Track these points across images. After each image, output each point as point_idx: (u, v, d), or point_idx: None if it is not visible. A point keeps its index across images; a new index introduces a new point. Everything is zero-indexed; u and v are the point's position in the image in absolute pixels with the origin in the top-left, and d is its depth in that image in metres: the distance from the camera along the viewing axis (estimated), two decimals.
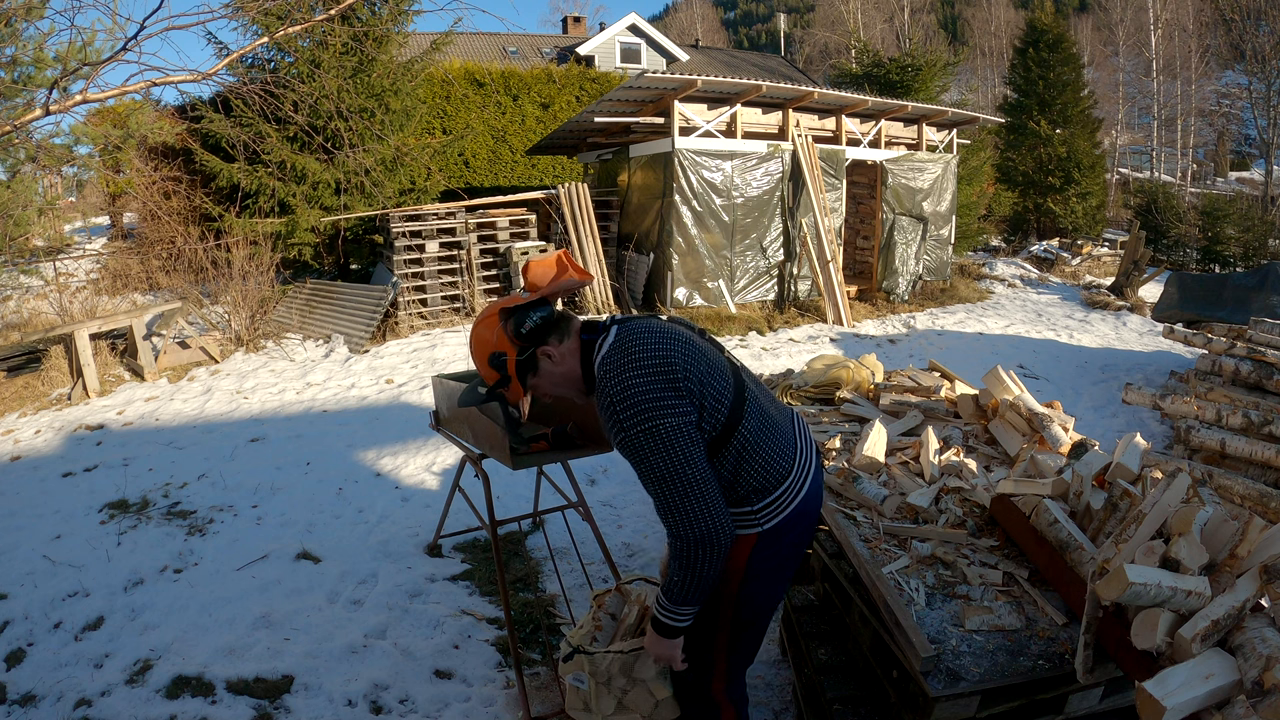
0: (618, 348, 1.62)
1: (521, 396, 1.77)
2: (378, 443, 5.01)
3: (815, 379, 3.66)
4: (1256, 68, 20.46)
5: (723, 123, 8.62)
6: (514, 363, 1.71)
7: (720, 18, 58.45)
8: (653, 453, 1.53)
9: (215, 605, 3.15)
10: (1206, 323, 6.98)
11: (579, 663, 1.92)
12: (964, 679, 1.72)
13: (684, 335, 1.69)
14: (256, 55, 8.86)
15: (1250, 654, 1.39)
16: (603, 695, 1.90)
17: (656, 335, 1.64)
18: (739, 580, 1.71)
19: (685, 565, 1.56)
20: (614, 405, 1.56)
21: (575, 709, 1.97)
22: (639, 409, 1.53)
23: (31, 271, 8.53)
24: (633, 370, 1.57)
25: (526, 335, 1.68)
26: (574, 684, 1.94)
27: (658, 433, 1.53)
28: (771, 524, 1.68)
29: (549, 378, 1.73)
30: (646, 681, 1.86)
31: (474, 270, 8.37)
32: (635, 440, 1.54)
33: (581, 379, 1.73)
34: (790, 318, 8.68)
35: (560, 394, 1.77)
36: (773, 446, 1.70)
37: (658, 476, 1.54)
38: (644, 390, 1.55)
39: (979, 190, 13.45)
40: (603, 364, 1.63)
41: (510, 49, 23.20)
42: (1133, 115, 29.01)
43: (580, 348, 1.71)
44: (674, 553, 1.58)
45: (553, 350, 1.70)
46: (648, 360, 1.58)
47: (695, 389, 1.59)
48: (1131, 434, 2.32)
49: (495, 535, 2.72)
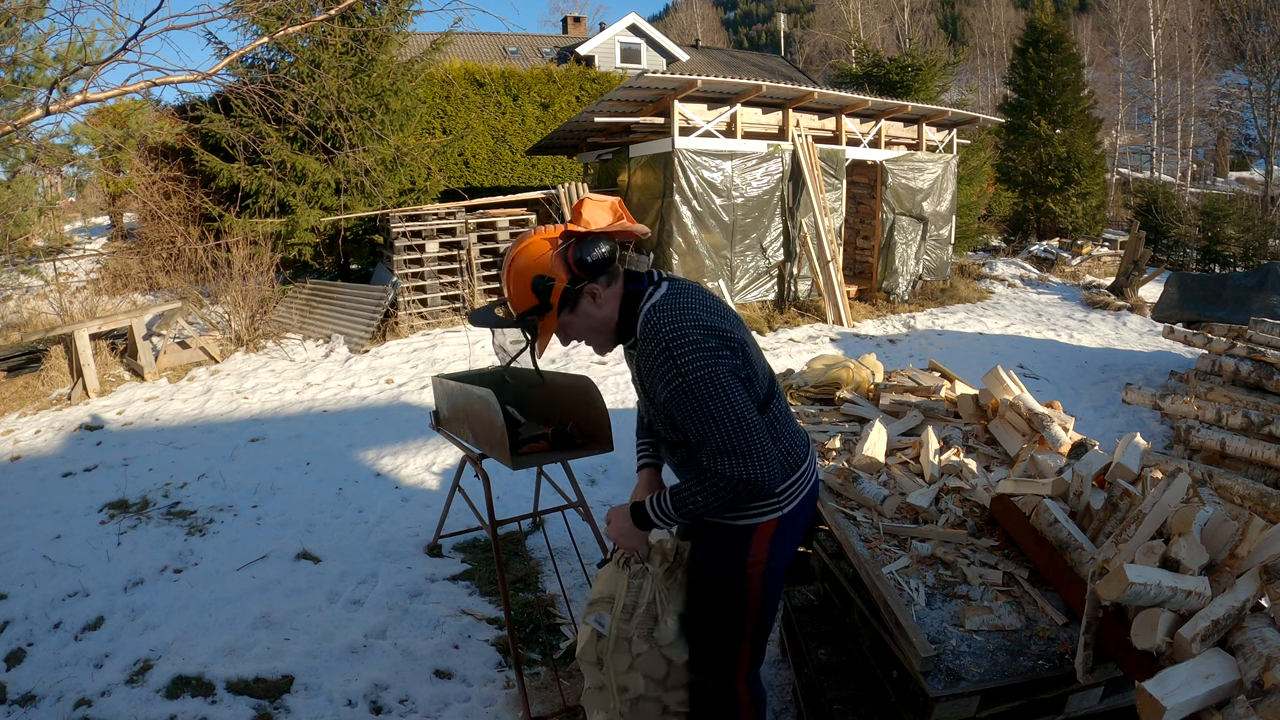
0: (672, 299, 1.61)
1: (553, 330, 1.68)
2: (378, 443, 5.01)
3: (815, 379, 3.66)
4: (1256, 68, 20.46)
5: (723, 123, 8.61)
6: (560, 291, 1.61)
7: (720, 18, 58.44)
8: (712, 397, 1.52)
9: (215, 605, 3.15)
10: (1206, 323, 6.98)
11: (603, 606, 1.87)
12: (964, 679, 1.72)
13: (733, 310, 1.72)
14: (256, 55, 8.86)
15: (1250, 654, 1.39)
16: (620, 654, 1.87)
17: (711, 297, 1.67)
18: (760, 572, 1.72)
19: (716, 495, 1.56)
20: (670, 349, 1.54)
21: (587, 659, 1.92)
22: (698, 354, 1.53)
23: (31, 271, 8.53)
24: (690, 320, 1.56)
25: (586, 266, 1.60)
26: (595, 626, 1.88)
27: (717, 377, 1.52)
28: (790, 507, 1.72)
29: (585, 319, 1.66)
30: (663, 647, 1.85)
31: (474, 270, 8.36)
32: (694, 385, 1.52)
33: (616, 327, 1.69)
34: (790, 318, 8.68)
35: (587, 339, 1.72)
36: (795, 429, 1.77)
37: (717, 420, 1.52)
38: (702, 339, 1.54)
39: (979, 190, 13.44)
40: (654, 310, 1.59)
41: (510, 49, 23.19)
42: (1133, 115, 29.00)
43: (625, 296, 1.67)
44: (711, 481, 1.55)
45: (600, 290, 1.63)
46: (704, 317, 1.58)
47: (749, 355, 1.63)
48: (1131, 434, 2.32)
49: (495, 535, 2.72)
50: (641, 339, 1.62)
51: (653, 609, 1.85)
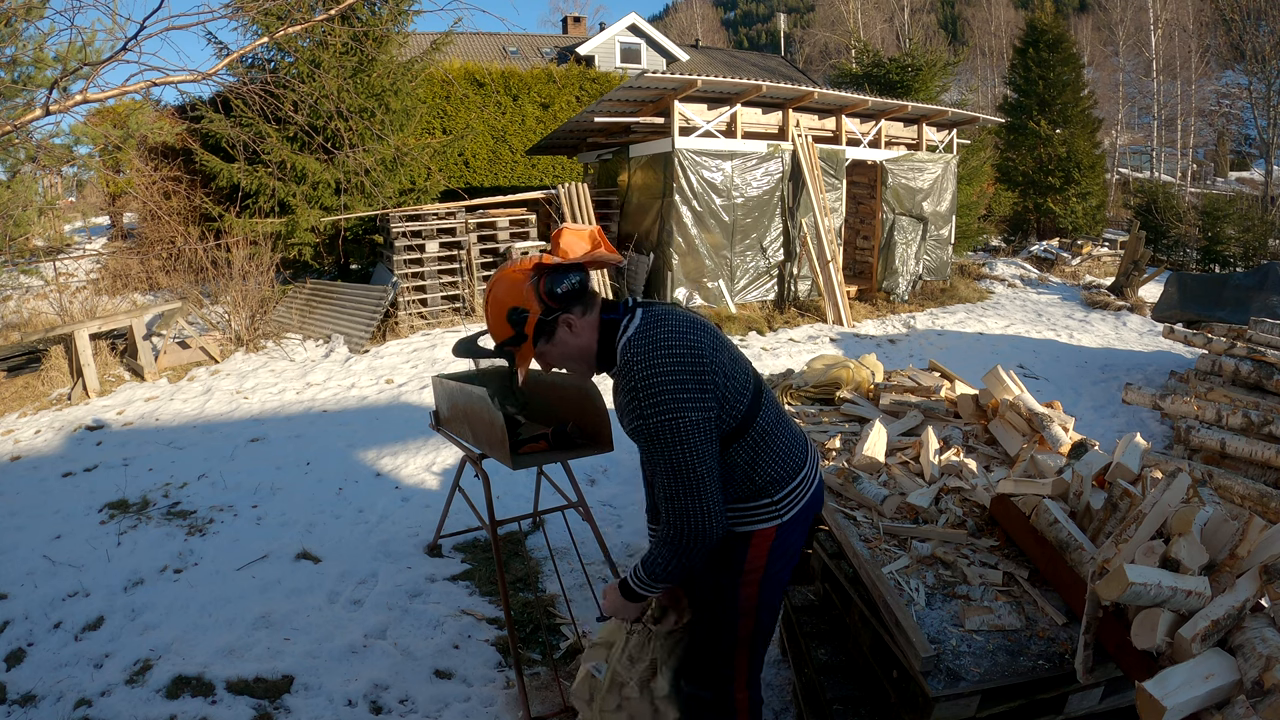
0: (645, 331, 1.60)
1: (529, 359, 1.71)
2: (378, 443, 5.01)
3: (815, 379, 3.66)
4: (1256, 68, 20.45)
5: (723, 123, 8.61)
6: (535, 322, 1.64)
7: (720, 18, 58.43)
8: (668, 445, 1.53)
9: (215, 605, 3.15)
10: (1206, 323, 6.98)
11: (602, 651, 1.91)
12: (964, 679, 1.72)
13: (710, 326, 1.69)
14: (256, 55, 8.87)
15: (1250, 654, 1.39)
16: (611, 694, 1.89)
17: (685, 323, 1.64)
18: (759, 581, 1.72)
19: (675, 552, 1.60)
20: (637, 391, 1.55)
21: (580, 697, 1.95)
22: (663, 400, 1.53)
23: (31, 271, 8.53)
24: (660, 357, 1.56)
25: (556, 297, 1.62)
26: (592, 670, 1.92)
27: (677, 427, 1.53)
28: (789, 515, 1.71)
29: (562, 348, 1.68)
30: (656, 698, 1.86)
31: (474, 270, 8.36)
32: (653, 430, 1.54)
33: (595, 356, 1.69)
34: (790, 318, 8.68)
35: (566, 367, 1.73)
36: (789, 438, 1.75)
37: (668, 468, 1.55)
38: (670, 381, 1.54)
39: (979, 190, 13.44)
40: (629, 345, 1.60)
41: (510, 49, 23.19)
42: (1133, 115, 28.98)
43: (601, 325, 1.68)
44: (665, 537, 1.60)
45: (575, 320, 1.65)
46: (676, 348, 1.57)
47: (720, 381, 1.60)
48: (1131, 434, 2.32)
49: (495, 535, 2.72)
50: (617, 371, 1.64)
51: (654, 664, 1.87)
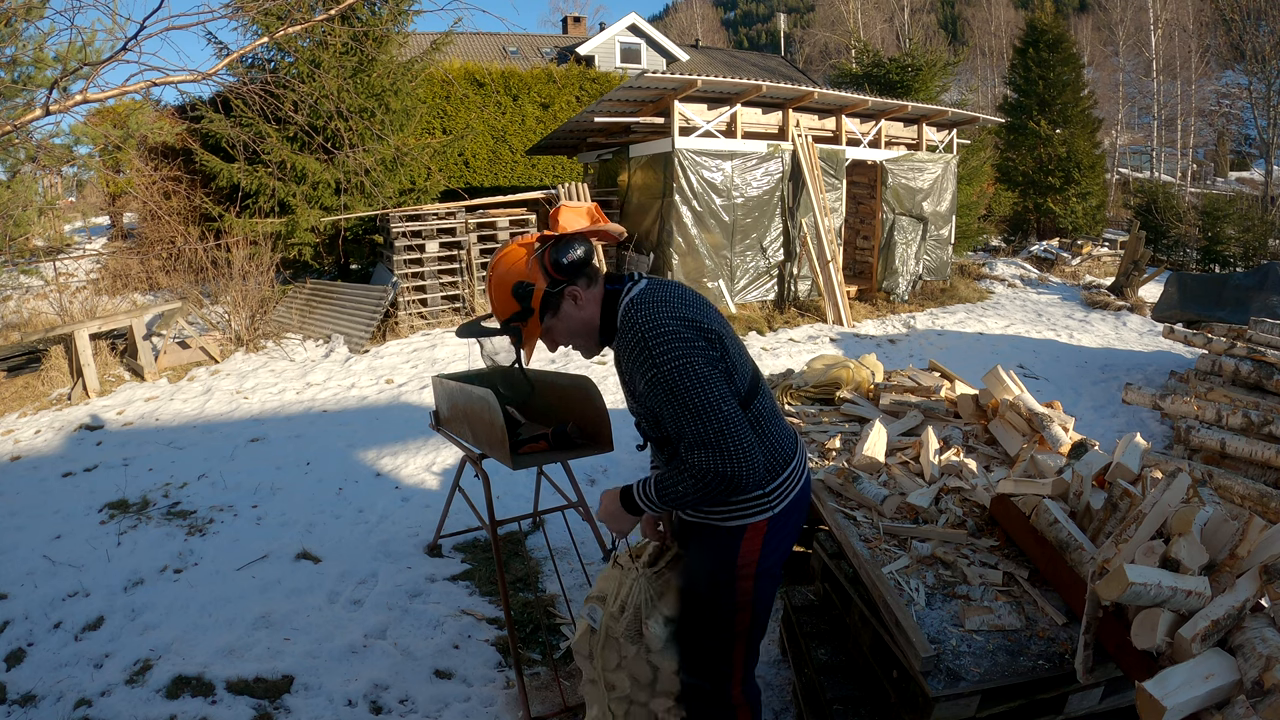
0: (650, 293, 1.61)
1: (536, 336, 1.69)
2: (378, 443, 5.01)
3: (815, 379, 3.66)
4: (1256, 68, 20.45)
5: (723, 123, 8.61)
6: (540, 295, 1.63)
7: (720, 18, 58.43)
8: (687, 390, 1.50)
9: (215, 605, 3.15)
10: (1206, 323, 6.98)
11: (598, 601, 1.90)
12: (964, 679, 1.72)
13: (711, 305, 1.70)
14: (256, 55, 8.87)
15: (1250, 654, 1.39)
16: (610, 650, 1.88)
17: (690, 293, 1.66)
18: (752, 574, 1.71)
19: (699, 488, 1.54)
20: (645, 340, 1.53)
21: (581, 652, 1.96)
22: (673, 344, 1.52)
23: (31, 271, 8.53)
24: (666, 312, 1.56)
25: (563, 268, 1.61)
26: (588, 618, 1.91)
27: (692, 368, 1.51)
28: (781, 507, 1.71)
29: (567, 321, 1.67)
30: (651, 652, 1.86)
31: (474, 270, 8.36)
32: (669, 376, 1.51)
33: (599, 328, 1.69)
34: (790, 318, 8.68)
35: (572, 342, 1.73)
36: (781, 427, 1.75)
37: (694, 411, 1.50)
38: (677, 330, 1.53)
39: (979, 190, 13.44)
40: (632, 304, 1.59)
41: (510, 49, 23.19)
42: (1133, 115, 28.98)
43: (605, 297, 1.68)
44: (692, 474, 1.54)
45: (580, 292, 1.65)
46: (681, 309, 1.58)
47: (727, 345, 1.61)
48: (1131, 434, 2.32)
49: (495, 535, 2.72)
50: (620, 331, 1.62)
51: (639, 612, 1.85)
